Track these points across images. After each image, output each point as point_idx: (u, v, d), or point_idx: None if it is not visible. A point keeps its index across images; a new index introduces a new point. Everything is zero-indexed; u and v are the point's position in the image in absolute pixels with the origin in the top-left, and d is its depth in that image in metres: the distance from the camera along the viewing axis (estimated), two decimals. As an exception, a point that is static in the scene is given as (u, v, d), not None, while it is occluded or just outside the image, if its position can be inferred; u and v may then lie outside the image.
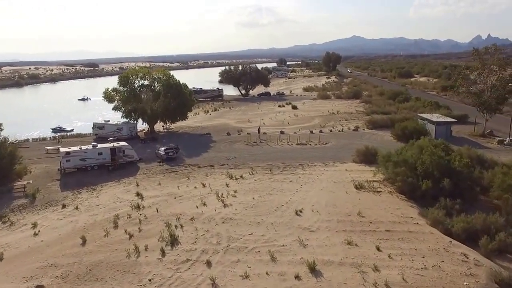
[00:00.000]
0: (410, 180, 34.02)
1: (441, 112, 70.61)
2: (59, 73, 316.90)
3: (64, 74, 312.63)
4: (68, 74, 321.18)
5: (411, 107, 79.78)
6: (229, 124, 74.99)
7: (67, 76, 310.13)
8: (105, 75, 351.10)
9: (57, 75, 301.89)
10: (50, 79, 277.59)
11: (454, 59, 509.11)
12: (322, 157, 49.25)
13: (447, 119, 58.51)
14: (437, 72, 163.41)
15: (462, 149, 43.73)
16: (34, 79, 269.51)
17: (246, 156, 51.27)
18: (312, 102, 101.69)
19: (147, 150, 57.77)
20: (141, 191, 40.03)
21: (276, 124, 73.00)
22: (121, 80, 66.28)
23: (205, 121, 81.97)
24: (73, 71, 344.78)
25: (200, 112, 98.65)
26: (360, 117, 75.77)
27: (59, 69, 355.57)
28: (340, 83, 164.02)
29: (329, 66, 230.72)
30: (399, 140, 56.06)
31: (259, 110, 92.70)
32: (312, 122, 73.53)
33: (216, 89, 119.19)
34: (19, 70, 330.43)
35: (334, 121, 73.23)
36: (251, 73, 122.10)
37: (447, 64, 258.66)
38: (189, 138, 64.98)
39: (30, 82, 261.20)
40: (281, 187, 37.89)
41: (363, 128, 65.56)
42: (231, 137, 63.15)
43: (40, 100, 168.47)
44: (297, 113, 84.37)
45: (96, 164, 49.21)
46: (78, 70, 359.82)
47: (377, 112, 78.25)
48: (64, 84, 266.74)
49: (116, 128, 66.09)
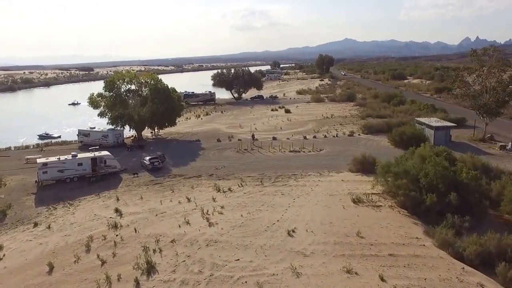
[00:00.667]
0: (413, 194, 30.51)
1: (438, 115, 67.37)
2: (53, 77, 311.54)
3: (58, 78, 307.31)
4: (62, 78, 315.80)
5: (407, 110, 76.50)
6: (220, 130, 71.28)
7: (61, 80, 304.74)
8: (100, 79, 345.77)
9: (51, 79, 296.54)
10: (44, 84, 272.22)
11: (444, 60, 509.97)
12: (316, 165, 45.68)
13: (446, 124, 55.16)
14: (430, 74, 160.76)
15: (465, 157, 40.36)
16: (27, 83, 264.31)
17: (236, 165, 47.60)
18: (305, 106, 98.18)
19: (132, 158, 53.93)
20: (121, 206, 36.25)
21: (268, 129, 69.38)
22: (107, 85, 62.38)
23: (196, 126, 78.21)
24: (67, 75, 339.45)
25: (192, 116, 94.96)
26: (355, 121, 72.33)
27: (54, 73, 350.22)
28: (333, 85, 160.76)
29: (322, 69, 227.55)
30: (396, 146, 52.68)
31: (251, 114, 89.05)
32: (305, 127, 69.96)
33: (208, 93, 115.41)
34: (13, 75, 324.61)
35: (329, 125, 69.73)
36: (244, 76, 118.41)
37: (438, 66, 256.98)
38: (177, 145, 61.19)
39: (24, 86, 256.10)
40: (272, 202, 34.24)
41: (358, 133, 62.07)
42: (221, 144, 59.42)
43: (31, 105, 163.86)
44: (290, 117, 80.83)
45: (75, 176, 45.31)
46: (72, 74, 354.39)
47: (372, 115, 74.92)
48: (58, 88, 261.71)
49: (101, 135, 62.19)
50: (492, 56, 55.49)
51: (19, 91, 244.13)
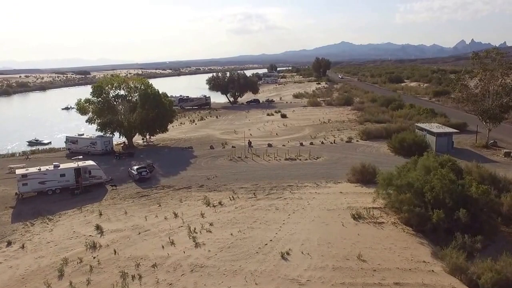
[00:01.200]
0: (418, 210, 27.72)
1: (438, 120, 64.76)
2: (49, 81, 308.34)
3: (54, 82, 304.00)
4: (58, 82, 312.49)
5: (406, 115, 73.85)
6: (214, 136, 68.44)
7: (57, 84, 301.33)
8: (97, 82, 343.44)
9: (47, 83, 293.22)
10: (40, 87, 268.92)
11: (440, 63, 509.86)
12: (313, 175, 42.88)
13: (447, 130, 52.45)
14: (427, 77, 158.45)
15: (470, 166, 37.60)
16: (23, 87, 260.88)
17: (229, 175, 44.74)
18: (302, 110, 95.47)
19: (120, 168, 51.01)
20: (103, 222, 33.35)
21: (263, 135, 66.57)
22: (95, 90, 59.49)
23: (189, 132, 75.38)
24: (64, 79, 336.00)
25: (186, 121, 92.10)
26: (353, 126, 69.62)
27: (50, 77, 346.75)
28: (330, 89, 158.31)
29: (319, 72, 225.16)
30: (396, 153, 49.96)
31: (246, 119, 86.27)
32: (302, 133, 67.20)
33: (203, 97, 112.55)
34: (9, 79, 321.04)
35: (326, 131, 66.97)
36: (239, 80, 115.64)
37: (435, 69, 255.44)
38: (168, 152, 58.30)
39: (19, 90, 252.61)
40: (265, 218, 31.40)
41: (357, 139, 59.32)
42: (214, 151, 56.57)
43: (25, 109, 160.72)
44: (286, 122, 78.07)
45: (58, 188, 42.36)
46: (69, 78, 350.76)
47: (371, 120, 72.25)
48: (54, 92, 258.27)
49: (89, 143, 59.25)
50: (495, 59, 52.77)
51: (14, 95, 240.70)
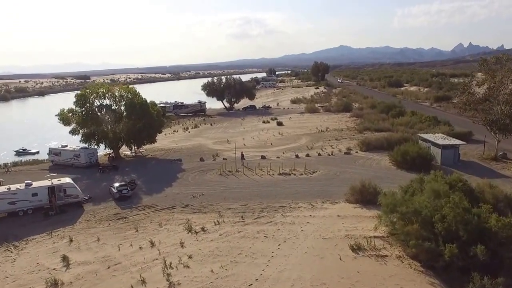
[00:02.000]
0: (427, 245, 23.64)
1: (442, 129, 60.74)
2: (48, 86, 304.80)
3: (53, 87, 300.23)
4: (58, 87, 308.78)
5: (407, 123, 69.79)
6: (206, 146, 64.39)
7: (57, 89, 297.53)
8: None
9: (46, 88, 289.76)
10: (39, 93, 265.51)
11: (439, 66, 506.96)
12: (308, 193, 38.82)
13: (453, 141, 48.30)
14: (427, 81, 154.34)
15: (482, 185, 33.45)
16: (21, 92, 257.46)
17: (217, 193, 40.68)
18: (299, 117, 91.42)
19: (103, 183, 46.98)
20: (72, 252, 29.35)
21: (258, 145, 62.51)
22: (78, 100, 55.50)
23: (181, 141, 71.39)
24: (63, 84, 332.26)
25: (180, 129, 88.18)
26: (352, 135, 65.53)
27: (49, 82, 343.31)
28: (329, 93, 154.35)
29: (317, 76, 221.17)
30: (399, 167, 45.87)
31: (241, 127, 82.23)
32: (298, 142, 63.14)
33: (198, 103, 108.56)
34: (8, 84, 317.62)
35: (323, 140, 62.89)
36: (235, 86, 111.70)
37: (434, 72, 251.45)
38: (156, 165, 54.25)
39: (17, 96, 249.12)
40: (252, 249, 27.32)
41: (356, 150, 55.21)
42: (204, 164, 52.50)
43: (20, 115, 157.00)
44: (282, 130, 73.98)
45: (30, 208, 38.36)
46: (68, 82, 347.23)
47: (370, 129, 68.19)
48: (53, 97, 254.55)
49: (73, 155, 55.27)
50: (504, 65, 48.55)
51: (13, 101, 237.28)
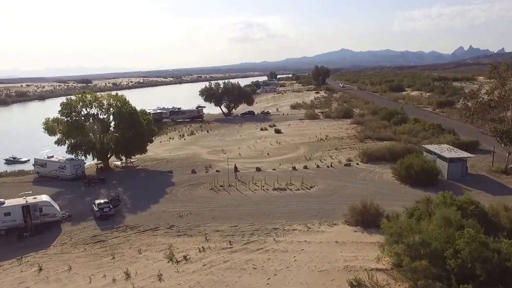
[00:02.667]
0: (439, 286, 20.18)
1: (447, 138, 57.23)
2: (49, 90, 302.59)
3: (54, 91, 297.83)
4: (59, 91, 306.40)
5: (410, 131, 66.26)
6: (200, 155, 61.04)
7: (57, 93, 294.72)
8: (97, 91, 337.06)
9: (47, 92, 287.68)
10: (39, 97, 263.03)
11: (440, 70, 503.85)
12: (304, 212, 35.43)
13: (460, 153, 44.69)
14: (429, 86, 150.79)
15: (495, 206, 29.99)
16: (22, 97, 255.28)
17: (206, 211, 37.32)
18: (298, 124, 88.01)
19: (86, 198, 43.67)
20: (38, 283, 26.10)
21: (254, 156, 59.12)
22: (63, 108, 52.35)
23: (175, 150, 68.14)
24: (64, 88, 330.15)
25: (175, 136, 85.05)
26: (352, 145, 62.07)
27: (51, 86, 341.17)
28: (329, 98, 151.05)
29: (318, 80, 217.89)
30: (402, 181, 42.38)
31: (238, 135, 78.90)
32: (296, 152, 59.72)
33: (196, 109, 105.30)
34: (10, 88, 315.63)
35: (322, 150, 59.44)
36: (233, 91, 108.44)
37: (435, 76, 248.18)
38: (145, 178, 50.91)
39: (17, 100, 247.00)
40: (238, 283, 23.90)
41: (356, 161, 51.72)
42: (195, 177, 49.12)
43: (18, 120, 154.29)
44: (280, 139, 70.54)
45: (2, 229, 35.12)
46: (70, 86, 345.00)
47: (372, 137, 64.76)
48: (54, 101, 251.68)
49: (58, 166, 52.05)
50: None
51: (13, 105, 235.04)
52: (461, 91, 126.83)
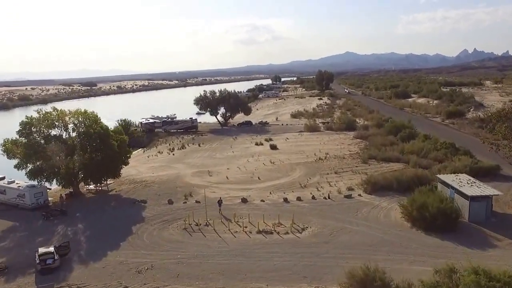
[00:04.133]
0: None
1: (463, 161, 49.03)
2: (53, 94, 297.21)
3: (57, 95, 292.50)
4: (62, 94, 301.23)
5: (420, 150, 58.08)
6: (183, 178, 53.42)
7: (61, 96, 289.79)
8: (101, 94, 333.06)
9: (50, 96, 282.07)
10: (42, 101, 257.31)
11: (445, 73, 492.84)
12: (291, 270, 27.69)
13: (485, 190, 36.16)
14: (437, 93, 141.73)
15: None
16: (24, 100, 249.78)
17: (171, 263, 29.69)
18: (297, 137, 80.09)
19: (38, 238, 36.28)
20: None
21: (242, 180, 51.36)
22: (23, 129, 45.04)
23: (159, 169, 60.66)
24: (69, 91, 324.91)
25: (165, 149, 77.63)
26: (354, 167, 54.06)
27: (55, 89, 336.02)
28: (332, 105, 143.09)
29: (322, 85, 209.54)
30: (414, 224, 34.34)
31: (230, 151, 71.16)
32: (291, 176, 51.87)
33: (189, 119, 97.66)
34: (14, 91, 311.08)
35: (321, 174, 51.50)
36: (230, 100, 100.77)
37: (441, 81, 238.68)
38: (114, 209, 43.34)
39: (19, 104, 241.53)
40: None
41: (359, 191, 43.74)
42: (171, 210, 41.51)
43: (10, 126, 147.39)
44: (275, 157, 62.70)
45: None
46: (74, 90, 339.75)
47: (377, 158, 56.71)
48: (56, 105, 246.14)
49: (17, 194, 44.75)
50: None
51: (15, 109, 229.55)
52: (471, 99, 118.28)
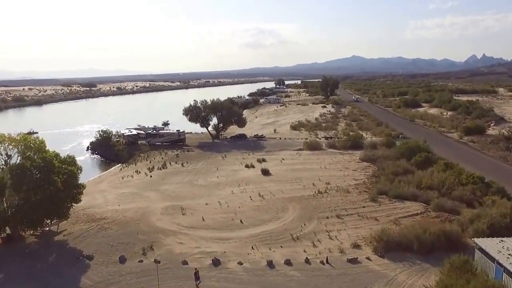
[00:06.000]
0: None
1: (499, 207, 38.49)
2: (49, 95, 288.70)
3: (54, 96, 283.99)
4: (59, 96, 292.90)
5: (441, 183, 47.64)
6: (150, 217, 43.21)
7: (57, 97, 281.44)
8: (100, 95, 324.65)
9: (46, 97, 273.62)
10: (36, 102, 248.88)
11: (454, 78, 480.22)
12: None
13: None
14: (450, 103, 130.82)
15: None
16: (18, 102, 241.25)
17: None
18: (294, 158, 69.61)
19: None
20: None
21: (220, 223, 40.99)
22: None
23: (127, 199, 50.76)
24: (66, 92, 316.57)
25: (143, 168, 67.82)
26: (361, 207, 43.38)
27: (53, 90, 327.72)
28: (336, 114, 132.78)
29: (326, 91, 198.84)
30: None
31: (215, 174, 60.78)
32: (281, 219, 41.42)
33: (176, 132, 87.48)
34: (10, 91, 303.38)
35: (319, 218, 41.02)
36: (222, 111, 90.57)
37: (453, 88, 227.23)
38: (47, 270, 33.13)
39: (13, 105, 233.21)
40: None
41: (367, 252, 33.38)
42: (117, 275, 31.25)
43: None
44: (265, 187, 52.28)
45: None
46: (72, 91, 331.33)
47: (388, 194, 46.19)
48: (50, 107, 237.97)
49: None
50: None
51: (9, 110, 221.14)
52: (490, 112, 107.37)
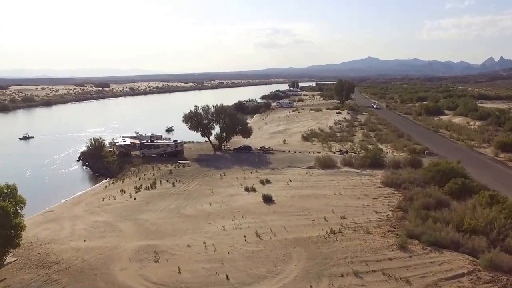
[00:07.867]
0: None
1: None
2: (60, 95, 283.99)
3: (65, 96, 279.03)
4: (71, 96, 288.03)
5: (486, 221, 36.84)
6: (112, 266, 33.44)
7: (68, 98, 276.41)
8: (112, 96, 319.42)
9: (57, 97, 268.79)
10: (46, 103, 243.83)
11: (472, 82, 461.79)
12: None
13: None
14: (477, 112, 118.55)
15: None
16: (27, 102, 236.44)
17: None
18: (304, 178, 58.93)
19: None
20: None
21: (201, 276, 30.80)
22: None
23: (96, 233, 41.43)
24: (78, 92, 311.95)
25: (131, 187, 58.62)
26: (386, 259, 32.84)
27: (65, 90, 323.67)
28: (352, 122, 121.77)
29: (341, 96, 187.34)
30: None
31: (209, 199, 50.76)
32: (280, 276, 31.13)
33: (173, 143, 77.94)
34: (23, 90, 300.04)
35: (330, 276, 30.55)
36: (225, 119, 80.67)
37: (476, 94, 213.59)
38: None
39: (22, 106, 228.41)
40: None
41: None
42: None
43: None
44: (265, 222, 41.97)
45: None
46: (84, 90, 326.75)
47: (420, 239, 35.51)
48: (59, 108, 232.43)
49: None
50: None
51: (17, 111, 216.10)
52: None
